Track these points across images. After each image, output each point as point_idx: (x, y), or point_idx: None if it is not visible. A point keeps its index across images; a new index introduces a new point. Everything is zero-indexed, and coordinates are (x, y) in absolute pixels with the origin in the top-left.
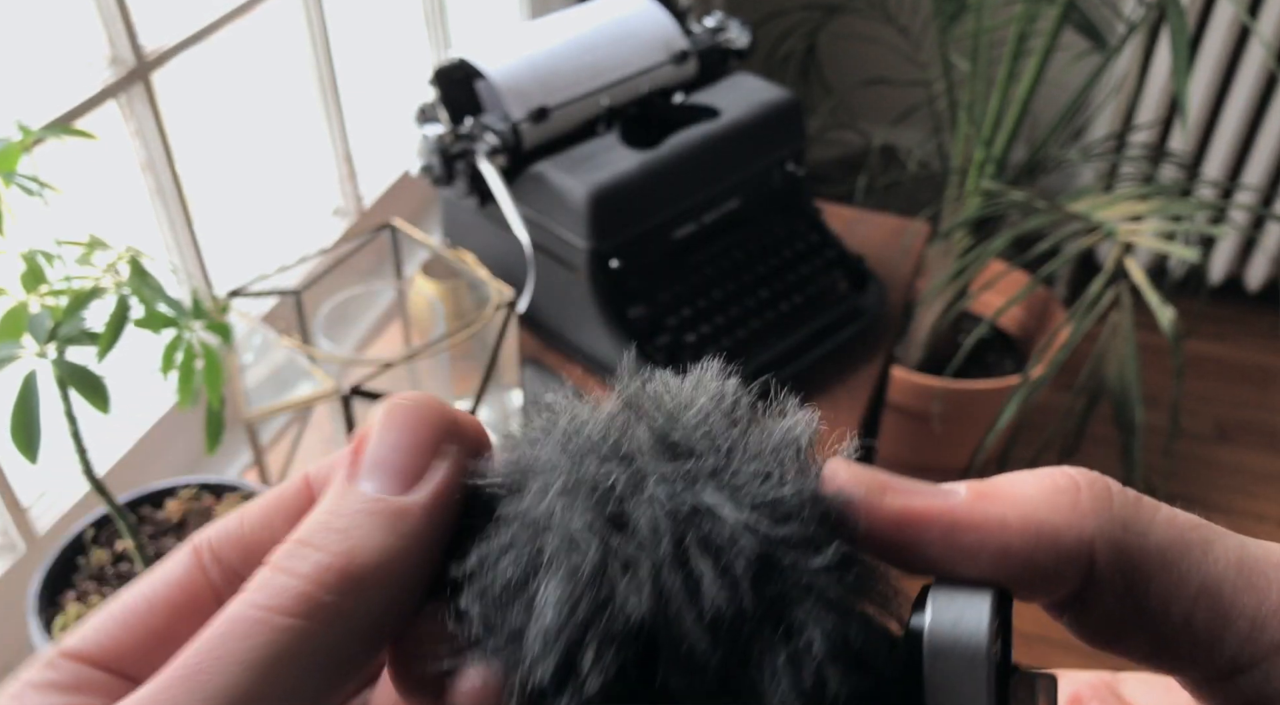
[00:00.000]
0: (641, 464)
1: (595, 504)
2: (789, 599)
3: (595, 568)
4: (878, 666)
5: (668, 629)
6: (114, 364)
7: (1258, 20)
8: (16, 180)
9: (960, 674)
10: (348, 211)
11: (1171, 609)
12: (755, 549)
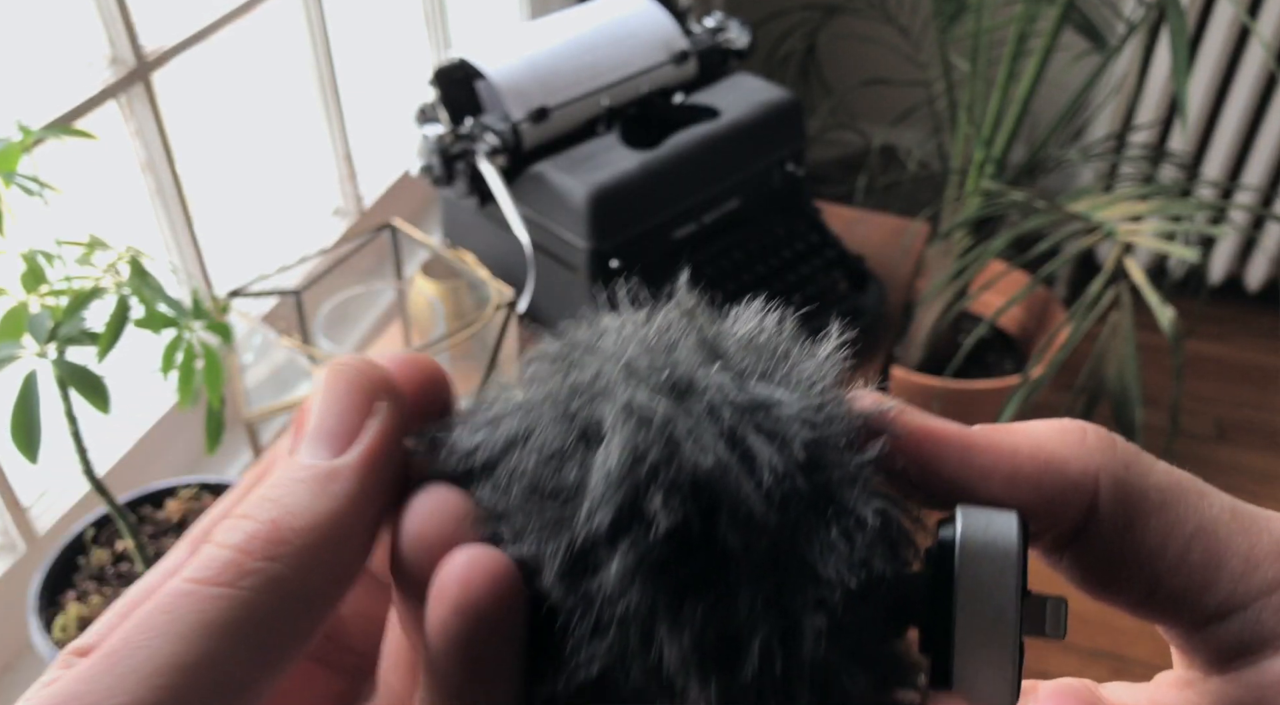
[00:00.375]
0: (696, 360)
1: (654, 383)
2: (838, 484)
3: (663, 422)
4: (915, 558)
5: (729, 491)
6: (114, 364)
7: (1257, 20)
8: (17, 180)
9: (992, 574)
10: (348, 211)
11: (1169, 546)
12: (809, 436)
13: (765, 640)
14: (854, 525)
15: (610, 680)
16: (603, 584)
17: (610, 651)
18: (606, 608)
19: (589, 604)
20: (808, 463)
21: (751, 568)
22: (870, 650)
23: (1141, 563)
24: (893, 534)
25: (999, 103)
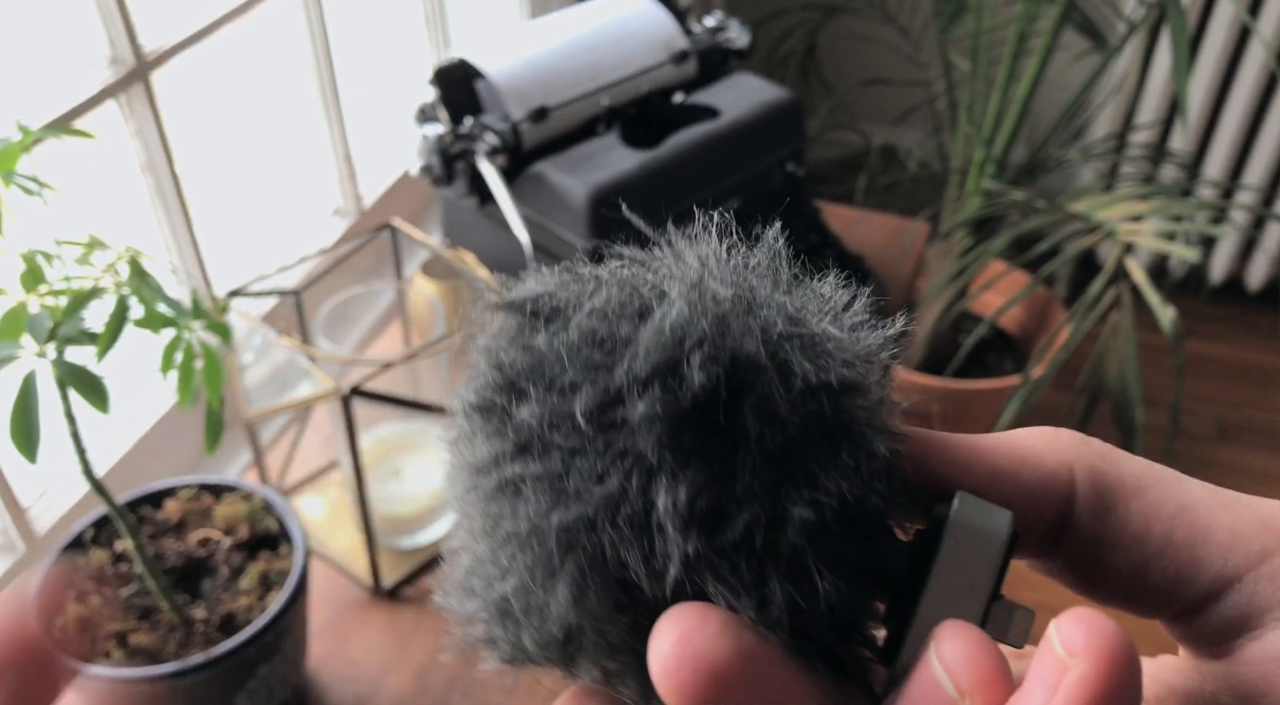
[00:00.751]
0: (767, 284)
1: (724, 279)
2: (859, 422)
3: (722, 306)
4: (911, 509)
5: (761, 380)
6: (113, 364)
7: (1258, 20)
8: (16, 180)
9: (973, 556)
10: (348, 211)
11: (1152, 528)
12: (845, 374)
13: (752, 516)
14: (864, 456)
15: (594, 525)
16: (625, 422)
17: (606, 495)
18: (620, 447)
19: (605, 444)
20: (838, 391)
21: (760, 456)
22: (846, 574)
23: (1128, 547)
24: (895, 479)
25: (999, 102)
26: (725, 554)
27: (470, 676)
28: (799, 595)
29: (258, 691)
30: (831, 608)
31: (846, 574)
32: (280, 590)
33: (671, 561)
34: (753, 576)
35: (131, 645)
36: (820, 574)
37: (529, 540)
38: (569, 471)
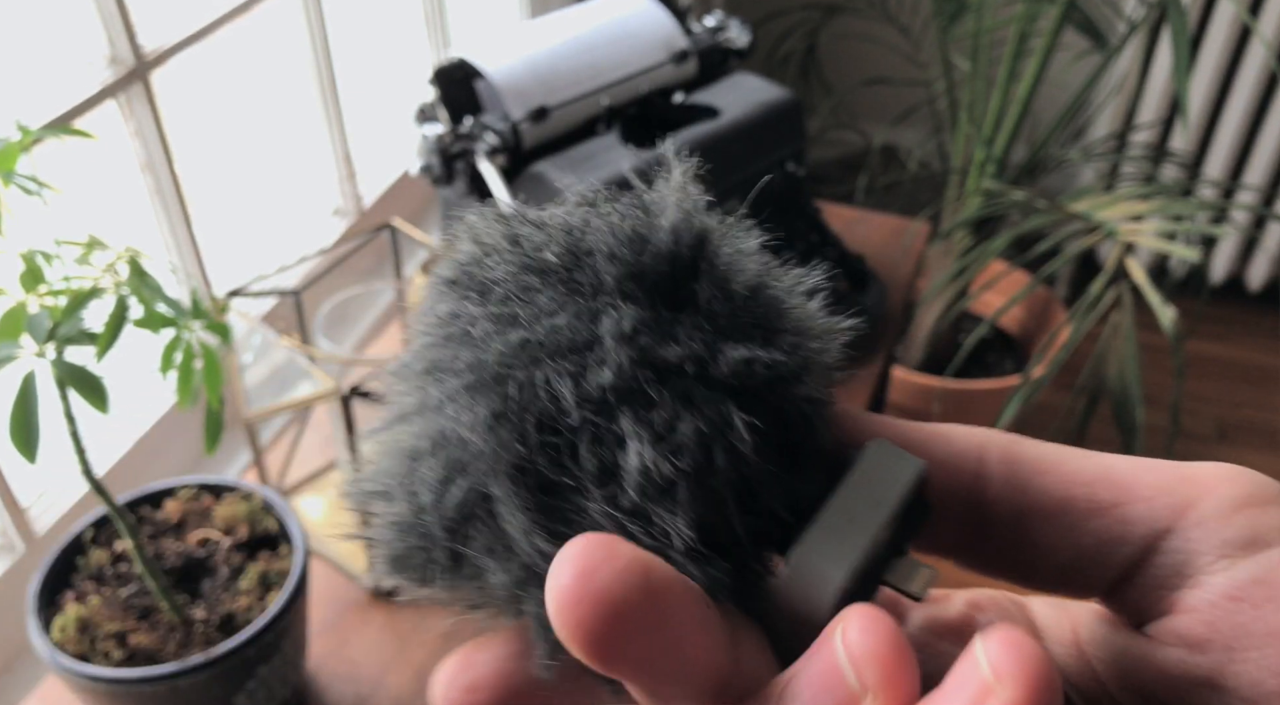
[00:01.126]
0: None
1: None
2: (797, 344)
3: (695, 201)
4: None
5: (720, 264)
6: (113, 364)
7: (1259, 20)
8: (16, 180)
9: (877, 488)
10: (347, 211)
11: (1074, 494)
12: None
13: (688, 351)
14: (797, 368)
15: (534, 353)
16: (590, 271)
17: (554, 326)
18: (579, 289)
19: (565, 289)
20: (785, 327)
21: (707, 318)
22: (756, 456)
23: (1053, 518)
24: (820, 410)
25: (1000, 102)
26: (651, 381)
27: None
28: (706, 449)
29: (257, 692)
30: (735, 490)
31: (756, 457)
32: (280, 590)
33: (603, 381)
34: (669, 414)
35: (131, 645)
36: (734, 429)
37: (465, 371)
38: (524, 311)
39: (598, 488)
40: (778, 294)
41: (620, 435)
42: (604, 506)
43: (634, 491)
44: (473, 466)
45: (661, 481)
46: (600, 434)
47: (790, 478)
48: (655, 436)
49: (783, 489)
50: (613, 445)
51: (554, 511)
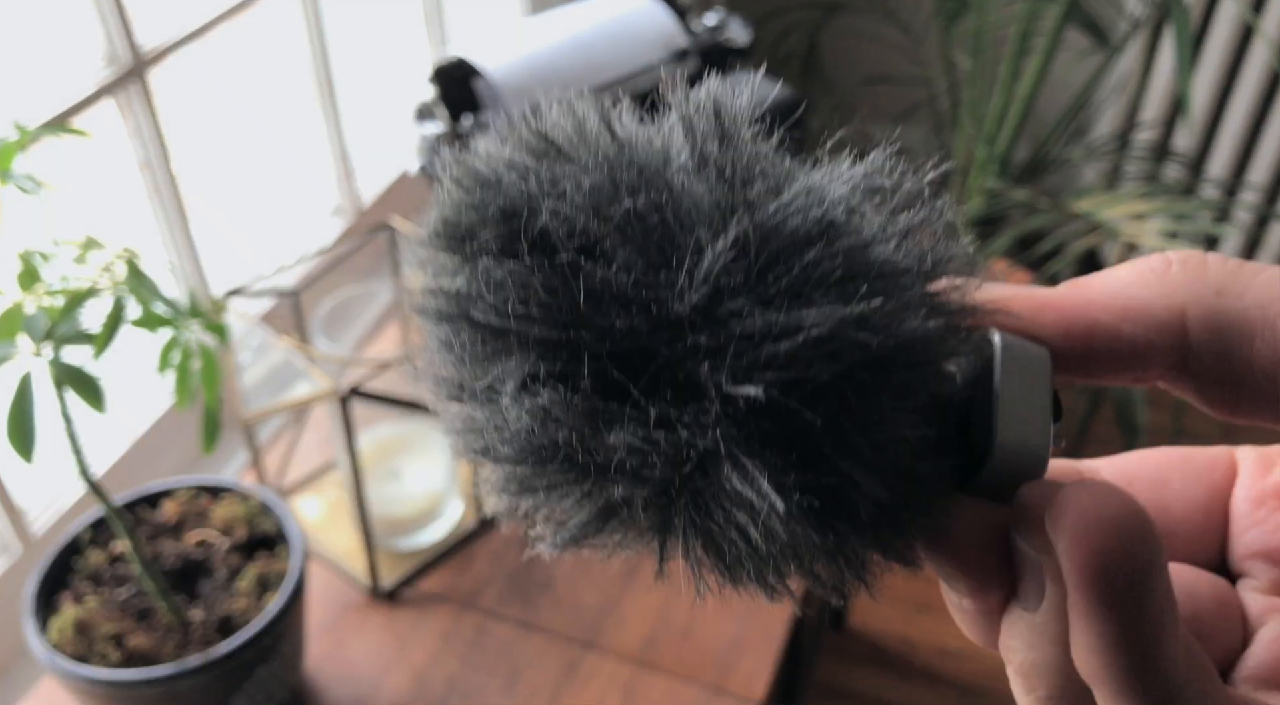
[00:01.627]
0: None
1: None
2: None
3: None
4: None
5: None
6: (110, 364)
7: (1261, 18)
8: (13, 179)
9: (1029, 372)
10: (346, 211)
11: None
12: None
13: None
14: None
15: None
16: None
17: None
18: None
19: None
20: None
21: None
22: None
23: (1259, 383)
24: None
25: (1002, 101)
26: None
27: (469, 678)
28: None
29: (255, 693)
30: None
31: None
32: (278, 592)
33: (702, 279)
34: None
35: (129, 647)
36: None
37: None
38: (609, 187)
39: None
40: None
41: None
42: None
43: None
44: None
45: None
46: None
47: (930, 377)
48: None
49: (925, 398)
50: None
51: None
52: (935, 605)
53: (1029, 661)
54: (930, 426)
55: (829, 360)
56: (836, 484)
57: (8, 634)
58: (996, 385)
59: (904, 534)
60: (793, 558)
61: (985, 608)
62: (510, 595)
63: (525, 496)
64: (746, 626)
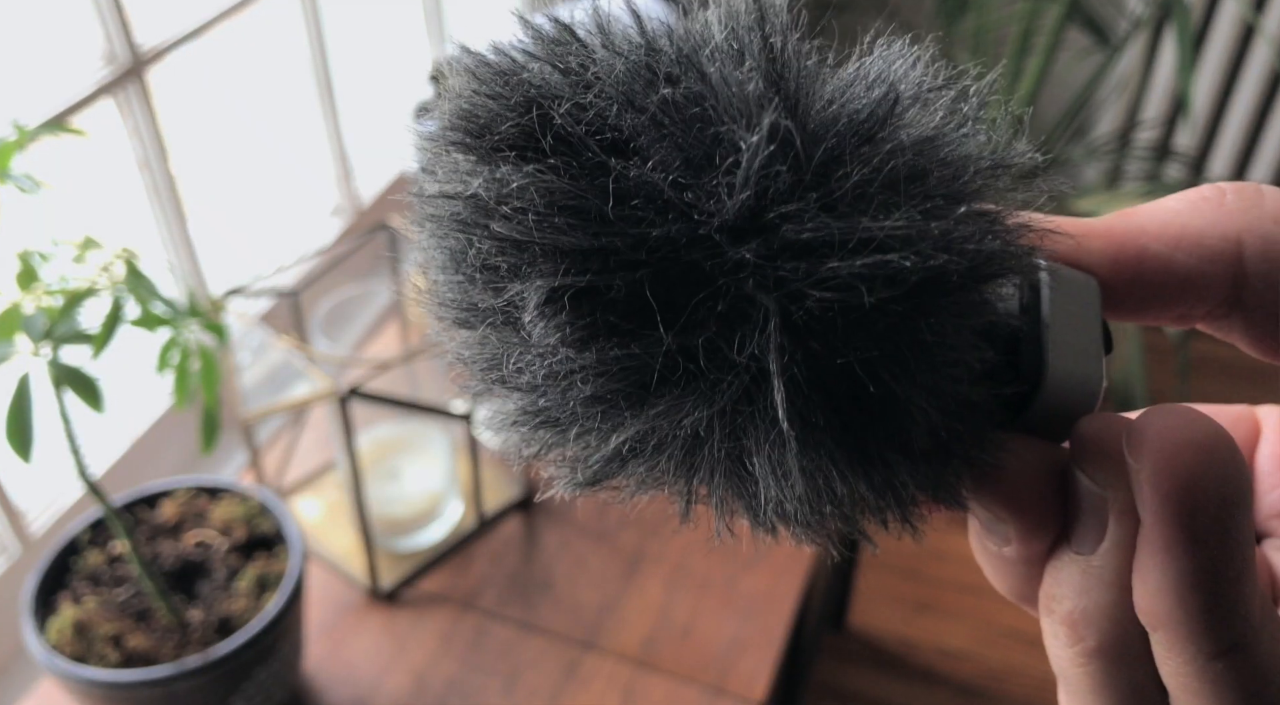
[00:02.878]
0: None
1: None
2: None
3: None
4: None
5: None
6: (109, 364)
7: (1263, 17)
8: (12, 179)
9: (1079, 302)
10: (345, 211)
11: None
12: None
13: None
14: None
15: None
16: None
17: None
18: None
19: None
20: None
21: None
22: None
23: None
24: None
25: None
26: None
27: (468, 679)
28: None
29: (254, 694)
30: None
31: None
32: (277, 592)
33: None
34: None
35: (127, 648)
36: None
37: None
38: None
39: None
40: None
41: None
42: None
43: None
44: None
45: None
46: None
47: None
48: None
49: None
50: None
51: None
52: (935, 605)
53: (1078, 609)
54: (987, 351)
55: (891, 275)
56: (890, 410)
57: (6, 635)
58: (1045, 314)
59: (955, 469)
60: (836, 494)
61: (1030, 554)
62: (510, 595)
63: (542, 431)
64: (746, 626)
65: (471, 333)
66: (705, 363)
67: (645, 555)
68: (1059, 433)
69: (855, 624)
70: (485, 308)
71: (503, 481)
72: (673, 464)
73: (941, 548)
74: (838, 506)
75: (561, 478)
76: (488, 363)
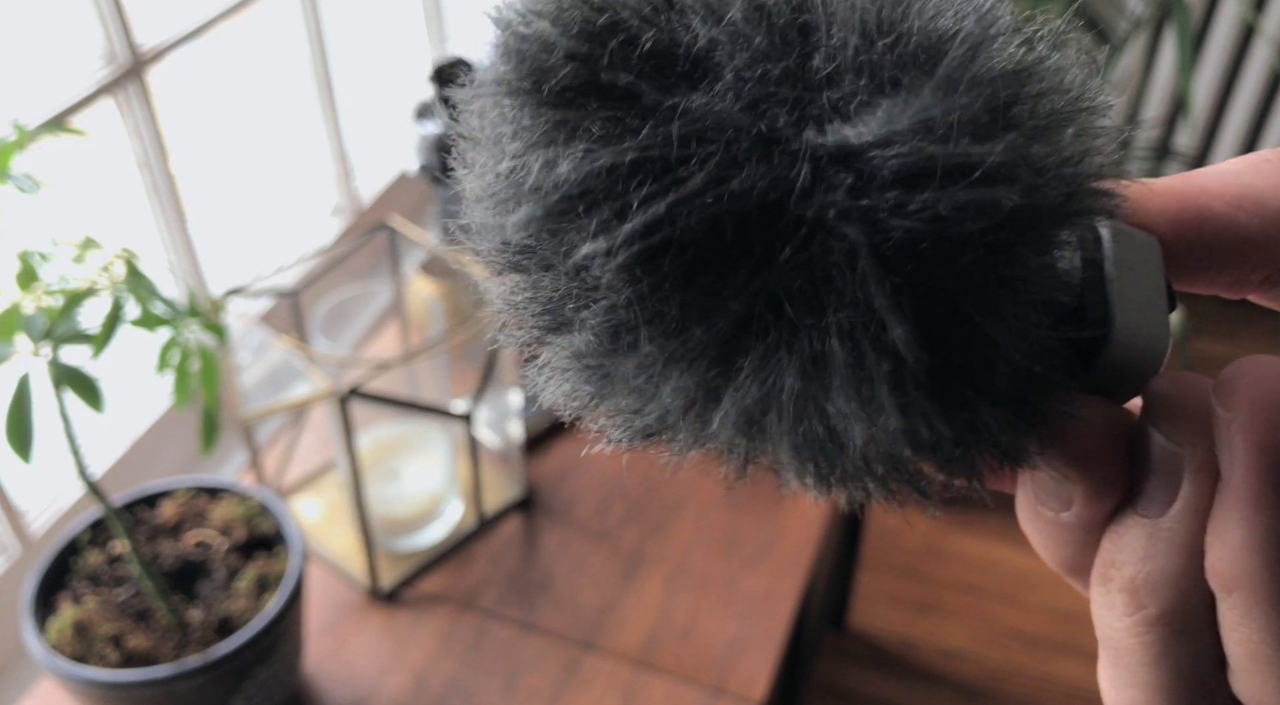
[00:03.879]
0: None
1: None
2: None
3: None
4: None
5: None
6: (109, 364)
7: (1263, 17)
8: (11, 179)
9: (1140, 246)
10: (345, 211)
11: None
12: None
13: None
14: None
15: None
16: None
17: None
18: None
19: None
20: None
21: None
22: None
23: None
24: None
25: None
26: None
27: (468, 679)
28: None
29: (254, 694)
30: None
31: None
32: (277, 592)
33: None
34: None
35: (127, 648)
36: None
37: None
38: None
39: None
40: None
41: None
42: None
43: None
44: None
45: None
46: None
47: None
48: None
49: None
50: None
51: None
52: (935, 605)
53: (1141, 575)
54: (1062, 296)
55: (987, 205)
56: (976, 349)
57: (6, 635)
58: (1109, 269)
59: (1029, 420)
60: (921, 440)
61: (1092, 518)
62: (509, 596)
63: (597, 382)
64: (746, 627)
65: (524, 277)
66: (790, 306)
67: (645, 555)
68: (1122, 393)
69: (855, 624)
70: (543, 250)
71: (503, 481)
72: (742, 416)
73: (941, 548)
74: (920, 454)
75: (612, 430)
76: (541, 308)
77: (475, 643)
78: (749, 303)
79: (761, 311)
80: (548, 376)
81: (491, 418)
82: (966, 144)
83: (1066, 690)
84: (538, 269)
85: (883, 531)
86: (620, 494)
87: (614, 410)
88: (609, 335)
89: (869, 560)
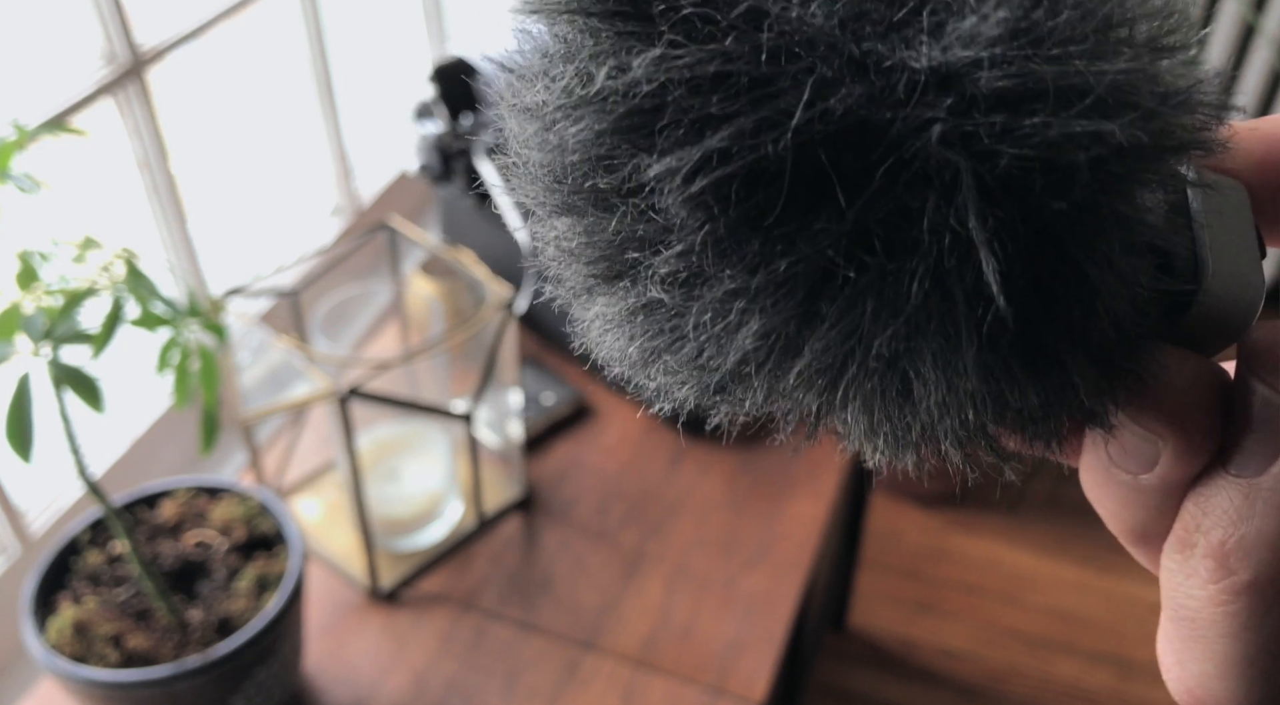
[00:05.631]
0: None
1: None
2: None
3: None
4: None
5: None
6: (109, 364)
7: (1263, 17)
8: (11, 179)
9: (1228, 194)
10: (345, 211)
11: None
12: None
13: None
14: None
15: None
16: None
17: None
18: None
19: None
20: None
21: None
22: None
23: None
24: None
25: None
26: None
27: (468, 679)
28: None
29: (254, 694)
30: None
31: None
32: (277, 592)
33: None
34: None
35: (127, 648)
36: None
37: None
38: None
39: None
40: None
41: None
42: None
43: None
44: None
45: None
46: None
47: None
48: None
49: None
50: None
51: None
52: (935, 605)
53: (1232, 539)
54: (1166, 239)
55: (1104, 132)
56: (1078, 296)
57: (6, 635)
58: (1197, 214)
59: (1121, 376)
60: (1008, 402)
61: (1178, 477)
62: (509, 596)
63: (656, 334)
64: (746, 627)
65: (577, 219)
66: (880, 245)
67: (645, 555)
68: (1212, 345)
69: (855, 624)
70: (603, 188)
71: (503, 481)
72: (822, 369)
73: (942, 548)
74: (1003, 423)
75: (676, 387)
76: (599, 254)
77: (475, 643)
78: (838, 240)
79: (850, 250)
80: (601, 330)
81: (491, 418)
82: (1081, 63)
83: (1066, 690)
84: (595, 209)
85: (883, 531)
86: (620, 494)
87: (679, 364)
88: (681, 279)
89: (869, 560)
